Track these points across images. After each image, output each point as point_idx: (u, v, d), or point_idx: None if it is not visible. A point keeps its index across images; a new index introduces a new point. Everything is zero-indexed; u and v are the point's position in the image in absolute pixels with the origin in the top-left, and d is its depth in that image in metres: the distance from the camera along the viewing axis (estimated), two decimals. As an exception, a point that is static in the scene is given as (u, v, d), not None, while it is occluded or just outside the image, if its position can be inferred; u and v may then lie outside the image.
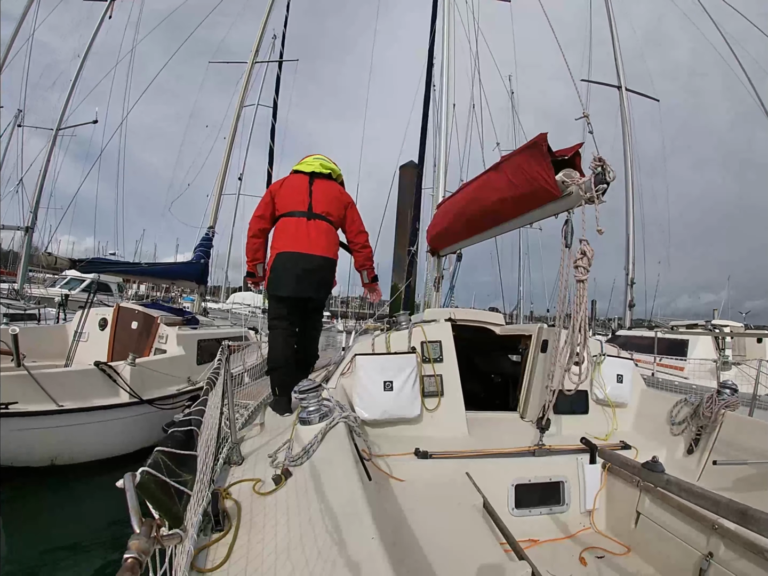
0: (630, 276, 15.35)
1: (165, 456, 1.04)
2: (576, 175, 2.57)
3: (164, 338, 6.75)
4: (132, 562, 0.71)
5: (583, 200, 2.45)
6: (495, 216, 3.50)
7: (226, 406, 2.44)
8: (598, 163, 2.37)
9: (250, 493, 1.96)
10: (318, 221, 3.14)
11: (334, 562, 1.21)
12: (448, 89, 7.29)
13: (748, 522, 1.60)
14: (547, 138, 2.64)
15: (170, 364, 6.31)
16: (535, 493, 2.74)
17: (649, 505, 2.56)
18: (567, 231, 2.66)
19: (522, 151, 2.92)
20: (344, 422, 2.24)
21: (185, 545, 1.28)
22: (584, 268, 2.47)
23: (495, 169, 3.33)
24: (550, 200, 2.75)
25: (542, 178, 2.65)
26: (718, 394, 2.90)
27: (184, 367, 6.63)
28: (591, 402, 3.43)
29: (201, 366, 6.97)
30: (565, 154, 2.62)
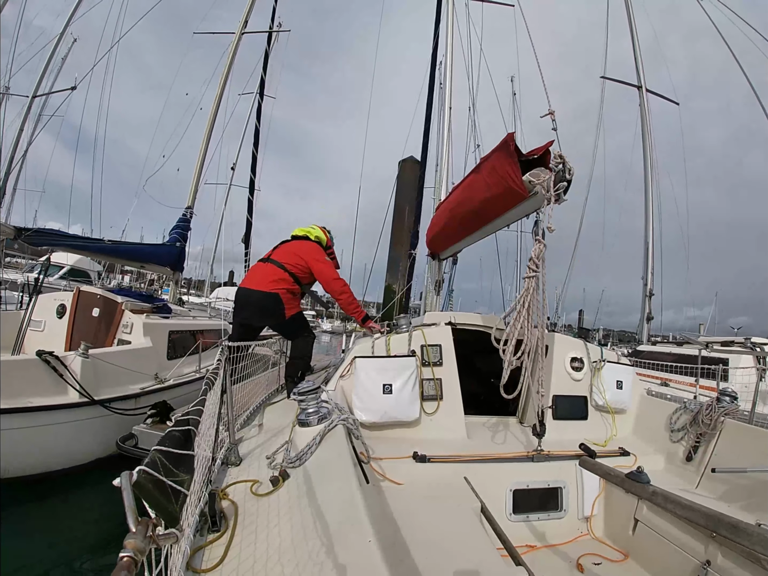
0: (648, 287, 14.15)
1: (162, 455, 1.03)
2: (546, 174, 2.56)
3: (128, 327, 5.87)
4: (128, 560, 0.71)
5: (546, 199, 2.45)
6: (479, 217, 3.51)
7: (225, 406, 2.44)
8: (559, 160, 2.37)
9: (247, 494, 1.96)
10: (269, 264, 3.71)
11: (331, 565, 1.21)
12: (451, 93, 7.31)
13: (740, 536, 1.54)
14: (513, 137, 2.63)
15: (133, 358, 5.42)
16: (533, 498, 2.73)
17: (647, 512, 2.55)
18: (537, 232, 2.65)
19: (494, 151, 2.92)
20: (343, 424, 2.24)
21: (181, 545, 1.27)
22: (532, 268, 2.53)
23: (476, 170, 3.35)
24: (520, 200, 2.75)
25: (510, 178, 2.65)
26: (718, 401, 2.89)
27: (151, 362, 5.75)
28: (590, 408, 3.43)
29: (172, 361, 6.20)
30: (535, 153, 2.60)
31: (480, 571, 1.67)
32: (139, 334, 5.85)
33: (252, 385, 3.78)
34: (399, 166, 17.79)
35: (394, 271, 16.55)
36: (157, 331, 6.10)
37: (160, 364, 5.92)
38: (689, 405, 3.08)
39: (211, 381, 1.93)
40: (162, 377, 5.77)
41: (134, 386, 5.26)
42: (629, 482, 2.08)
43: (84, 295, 6.16)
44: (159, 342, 6.05)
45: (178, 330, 6.67)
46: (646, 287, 14.19)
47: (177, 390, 5.79)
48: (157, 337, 6.05)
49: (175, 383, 5.81)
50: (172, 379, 5.84)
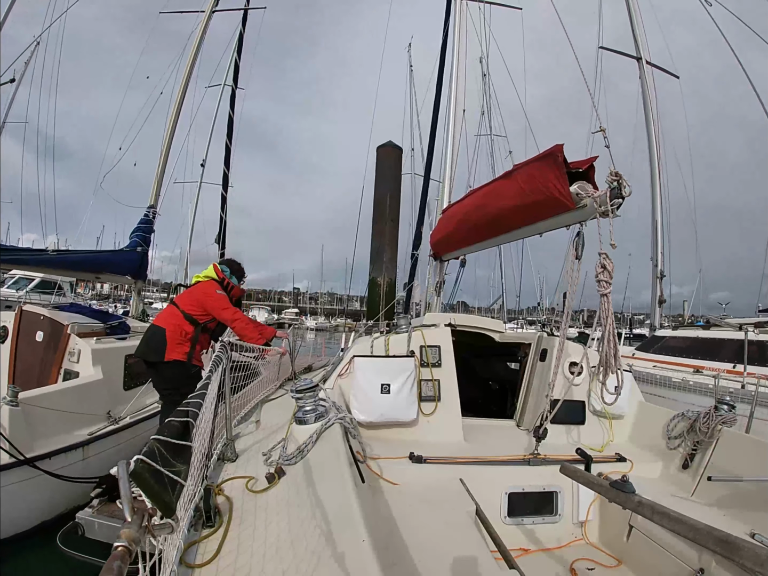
0: (659, 267, 13.00)
1: (161, 444, 1.03)
2: (590, 188, 2.57)
3: (75, 355, 4.65)
4: (122, 550, 0.71)
5: (598, 213, 2.45)
6: (503, 224, 3.49)
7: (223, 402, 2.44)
8: (615, 177, 2.37)
9: (242, 491, 1.96)
10: (170, 305, 3.83)
11: (324, 563, 1.21)
12: (457, 96, 7.32)
13: (730, 552, 1.43)
14: (563, 149, 2.65)
15: (79, 396, 4.28)
16: (529, 502, 2.73)
17: (641, 519, 2.54)
18: (578, 243, 2.67)
19: (536, 160, 2.92)
20: (340, 423, 2.24)
21: (175, 539, 1.28)
22: (606, 281, 2.45)
23: (506, 177, 3.32)
24: (563, 211, 2.75)
25: (556, 189, 2.64)
26: (716, 409, 2.89)
27: (102, 398, 4.59)
28: (588, 412, 3.42)
29: (131, 391, 5.00)
30: (580, 167, 2.62)
31: (473, 573, 1.67)
32: (87, 364, 4.65)
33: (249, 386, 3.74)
34: (377, 153, 16.91)
35: (377, 263, 15.88)
36: (109, 357, 4.93)
37: (115, 398, 4.78)
38: (687, 413, 3.08)
39: (210, 375, 1.93)
40: (116, 415, 4.62)
41: (81, 431, 4.15)
42: (614, 492, 1.92)
43: (27, 316, 4.96)
44: (112, 371, 4.88)
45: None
46: (657, 268, 13.05)
47: (136, 429, 4.72)
48: (110, 364, 4.88)
49: (133, 421, 4.72)
50: (129, 416, 4.73)
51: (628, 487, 1.90)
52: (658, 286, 12.85)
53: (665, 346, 9.43)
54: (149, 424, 4.81)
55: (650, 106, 13.99)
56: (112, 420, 4.55)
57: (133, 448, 4.39)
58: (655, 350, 9.60)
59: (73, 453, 3.96)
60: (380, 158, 16.82)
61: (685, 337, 9.35)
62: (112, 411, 4.61)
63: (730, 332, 8.33)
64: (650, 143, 14.00)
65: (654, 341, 10.16)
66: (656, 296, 12.86)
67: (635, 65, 14.48)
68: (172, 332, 3.57)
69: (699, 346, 8.64)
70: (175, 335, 3.56)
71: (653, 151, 13.86)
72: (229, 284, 3.95)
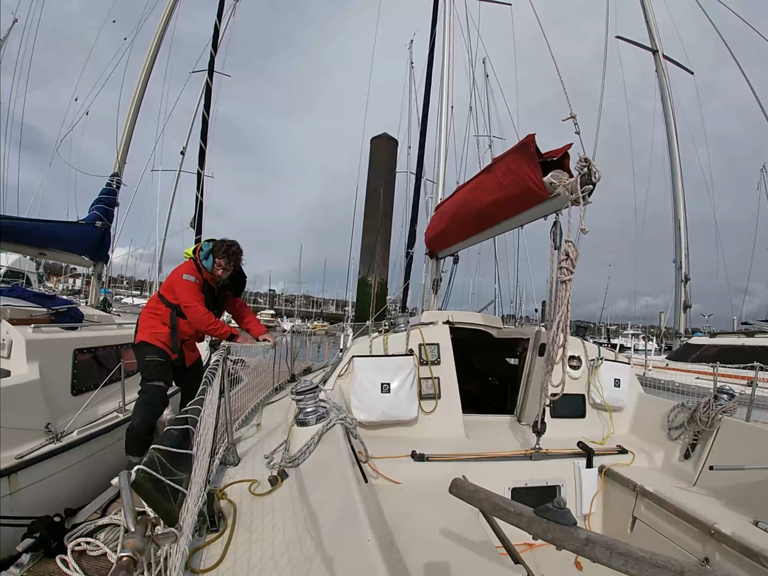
0: (683, 271, 12.02)
1: (161, 454, 1.03)
2: (564, 177, 2.57)
3: (6, 348, 3.45)
4: (126, 560, 0.71)
5: (570, 201, 2.45)
6: (488, 217, 3.51)
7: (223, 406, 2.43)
8: (584, 163, 2.37)
9: (245, 494, 1.95)
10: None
11: (330, 564, 1.20)
12: (449, 92, 7.31)
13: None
14: (534, 139, 2.65)
15: (6, 404, 3.08)
16: (532, 496, 2.73)
17: (645, 510, 2.56)
18: (556, 233, 2.66)
19: (511, 152, 2.93)
20: (341, 424, 2.23)
21: (180, 545, 1.27)
22: (567, 269, 2.47)
23: (487, 170, 3.35)
24: (539, 202, 2.76)
25: (530, 179, 2.66)
26: (716, 399, 2.90)
27: (38, 406, 3.41)
28: (588, 406, 3.43)
29: (81, 396, 3.85)
30: (554, 156, 2.62)
31: (479, 569, 1.67)
32: (20, 360, 3.45)
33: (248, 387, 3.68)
34: (371, 144, 16.45)
35: (368, 262, 15.25)
36: (51, 351, 3.72)
37: (58, 406, 3.60)
38: (687, 403, 3.09)
39: (210, 379, 1.92)
40: (57, 430, 3.42)
41: (8, 453, 3.01)
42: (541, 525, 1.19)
43: None
44: (55, 369, 3.70)
45: (91, 347, 4.25)
46: (680, 271, 12.06)
47: (87, 447, 3.58)
48: (53, 361, 3.69)
49: (82, 437, 3.55)
50: (77, 430, 3.57)
51: (567, 517, 1.15)
52: (683, 290, 11.98)
53: (704, 356, 8.63)
54: (105, 440, 3.76)
55: (669, 101, 13.45)
56: (51, 436, 3.36)
57: (82, 473, 3.49)
58: (694, 360, 8.89)
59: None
60: (374, 150, 16.35)
61: (729, 345, 8.68)
62: (52, 423, 3.41)
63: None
64: (670, 139, 13.43)
65: (689, 350, 9.48)
66: (680, 301, 12.06)
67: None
68: (145, 313, 3.41)
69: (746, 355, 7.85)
70: (146, 316, 3.39)
71: (673, 148, 13.26)
72: (201, 267, 3.40)
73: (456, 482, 1.52)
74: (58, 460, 3.32)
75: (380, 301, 13.53)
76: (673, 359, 9.81)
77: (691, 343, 9.90)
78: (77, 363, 3.94)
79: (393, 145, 17.00)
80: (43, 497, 3.14)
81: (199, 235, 8.22)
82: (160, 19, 8.23)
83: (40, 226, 5.36)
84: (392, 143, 16.97)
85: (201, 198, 8.44)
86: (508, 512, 1.33)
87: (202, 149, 8.66)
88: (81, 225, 5.82)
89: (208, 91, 8.97)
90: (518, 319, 26.17)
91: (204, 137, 8.72)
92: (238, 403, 3.46)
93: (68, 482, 3.41)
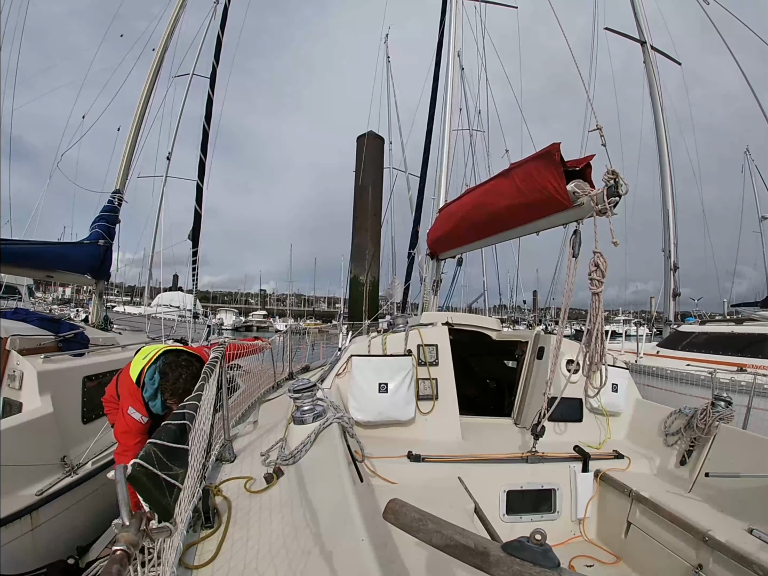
0: (672, 260, 12.32)
1: (157, 448, 1.03)
2: (587, 187, 2.58)
3: (17, 380, 3.39)
4: (121, 554, 0.71)
5: (595, 212, 2.46)
6: (500, 222, 3.49)
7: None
8: (611, 176, 2.37)
9: (241, 491, 1.95)
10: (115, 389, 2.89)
11: (323, 563, 1.21)
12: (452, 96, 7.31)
13: None
14: (559, 148, 2.65)
15: (23, 439, 3.08)
16: (527, 499, 2.74)
17: (640, 515, 2.56)
18: (575, 241, 2.68)
19: (533, 159, 2.92)
20: (338, 423, 2.24)
21: (174, 540, 1.27)
22: (598, 280, 2.49)
23: (504, 175, 3.32)
24: (560, 210, 2.76)
25: (553, 187, 2.65)
26: (713, 406, 2.90)
27: (53, 439, 3.36)
28: (585, 410, 3.43)
29: (91, 425, 3.76)
30: (576, 165, 2.63)
31: (472, 569, 1.67)
32: (32, 392, 3.38)
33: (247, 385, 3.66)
34: (357, 143, 16.42)
35: (359, 260, 15.22)
36: (63, 381, 3.66)
37: (72, 436, 3.54)
38: (684, 409, 3.09)
39: (207, 375, 1.92)
40: (74, 462, 3.39)
41: (26, 491, 2.99)
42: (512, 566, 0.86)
43: None
44: (67, 399, 3.63)
45: (99, 373, 4.10)
46: (669, 260, 12.36)
47: (100, 478, 3.49)
48: (65, 391, 3.63)
49: (96, 467, 3.54)
50: (90, 461, 3.54)
51: (548, 557, 0.85)
52: (672, 278, 12.28)
53: (694, 343, 8.82)
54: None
55: (657, 91, 13.52)
56: (68, 469, 3.31)
57: (97, 502, 3.43)
58: (684, 347, 9.06)
59: (17, 524, 2.82)
60: (360, 149, 16.22)
61: (718, 333, 8.75)
62: (67, 456, 3.36)
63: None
64: (658, 130, 13.59)
65: (679, 337, 9.53)
66: (670, 289, 12.37)
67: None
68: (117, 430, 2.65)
69: (736, 343, 8.07)
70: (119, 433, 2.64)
71: (662, 139, 13.43)
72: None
73: (392, 506, 1.12)
74: (75, 493, 3.32)
75: (373, 299, 13.49)
76: (663, 346, 9.90)
77: (681, 331, 9.98)
78: (86, 391, 3.89)
79: (379, 142, 16.91)
80: (61, 533, 3.17)
81: (196, 248, 8.36)
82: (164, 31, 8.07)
83: (48, 249, 5.42)
84: (378, 141, 16.87)
85: (200, 210, 8.41)
86: (467, 549, 0.97)
87: (201, 161, 8.58)
88: (85, 246, 5.80)
89: (209, 102, 8.93)
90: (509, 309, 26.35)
91: (204, 149, 8.64)
92: (235, 400, 3.47)
93: (85, 512, 3.40)
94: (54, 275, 5.86)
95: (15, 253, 4.81)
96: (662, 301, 12.92)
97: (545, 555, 0.84)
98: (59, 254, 5.45)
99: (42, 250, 5.29)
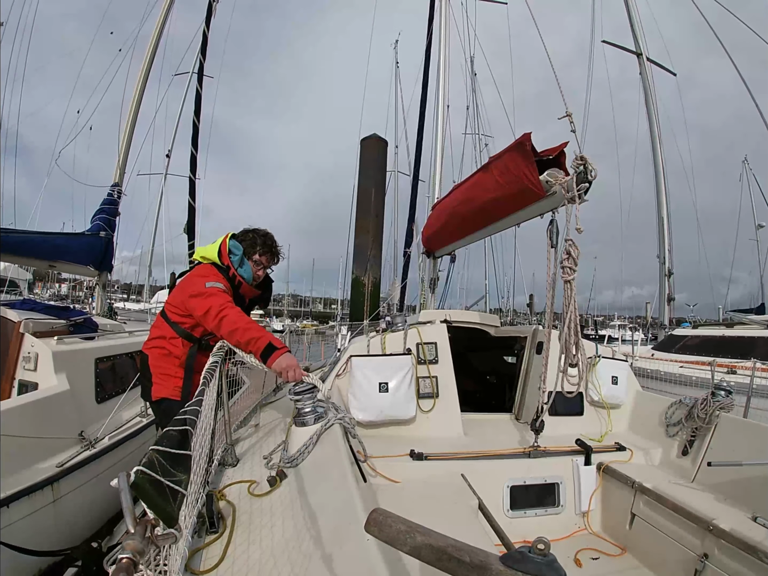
0: (667, 265, 12.71)
1: (160, 455, 1.02)
2: (560, 175, 2.58)
3: (32, 361, 3.56)
4: (127, 562, 0.70)
5: (566, 199, 2.46)
6: (486, 216, 3.52)
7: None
8: (580, 161, 2.38)
9: (245, 495, 1.95)
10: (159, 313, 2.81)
11: (330, 564, 1.20)
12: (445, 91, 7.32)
13: None
14: (530, 137, 2.65)
15: (40, 416, 3.21)
16: (531, 494, 2.74)
17: (644, 506, 2.56)
18: (552, 231, 2.68)
19: (507, 151, 2.94)
20: (339, 423, 2.23)
21: (180, 546, 1.27)
22: (570, 268, 2.47)
23: (484, 169, 3.35)
24: (535, 200, 2.77)
25: (527, 178, 2.66)
26: (713, 395, 2.91)
27: (71, 415, 3.55)
28: (586, 403, 3.44)
29: (105, 404, 4.01)
30: (550, 154, 2.63)
31: None
32: (48, 371, 3.56)
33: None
34: (361, 145, 16.49)
35: (361, 262, 15.18)
36: (76, 361, 3.88)
37: (87, 414, 3.76)
38: (685, 399, 3.10)
39: (208, 379, 1.92)
40: (91, 437, 3.58)
41: (46, 464, 3.12)
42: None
43: None
44: (81, 379, 3.83)
45: (110, 355, 4.38)
46: (664, 266, 12.74)
47: (118, 452, 3.76)
48: (78, 371, 3.84)
49: (113, 442, 3.75)
50: (107, 436, 3.75)
51: (553, 568, 0.79)
52: (666, 284, 12.58)
53: (687, 346, 9.13)
54: (133, 443, 3.97)
55: (652, 102, 13.78)
56: (86, 443, 3.51)
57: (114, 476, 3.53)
58: (677, 350, 9.37)
59: (39, 494, 2.92)
60: (364, 150, 16.35)
61: (710, 336, 9.06)
62: (85, 431, 3.57)
63: (759, 330, 8.25)
64: (653, 139, 13.79)
65: (673, 341, 9.85)
66: (665, 295, 12.61)
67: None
68: (156, 357, 2.60)
69: (727, 345, 8.34)
70: (159, 361, 2.58)
71: (656, 147, 13.65)
72: (236, 276, 2.65)
73: (375, 517, 1.03)
74: (94, 466, 3.50)
75: (374, 300, 13.52)
76: (658, 350, 10.17)
77: (675, 334, 10.30)
78: (99, 371, 4.12)
79: (383, 146, 17.02)
80: (83, 503, 3.38)
81: (192, 241, 8.29)
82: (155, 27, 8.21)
83: (50, 239, 5.51)
84: (382, 144, 16.99)
85: (193, 204, 8.49)
86: (461, 563, 0.85)
87: (193, 155, 8.60)
88: (87, 237, 5.98)
89: (198, 97, 8.97)
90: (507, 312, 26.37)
91: (195, 143, 8.68)
92: (237, 404, 3.46)
93: (104, 485, 3.31)
94: (57, 266, 6.01)
95: (17, 242, 4.94)
96: (658, 306, 13.27)
97: (550, 566, 0.76)
98: (62, 245, 5.58)
99: (45, 240, 5.40)
